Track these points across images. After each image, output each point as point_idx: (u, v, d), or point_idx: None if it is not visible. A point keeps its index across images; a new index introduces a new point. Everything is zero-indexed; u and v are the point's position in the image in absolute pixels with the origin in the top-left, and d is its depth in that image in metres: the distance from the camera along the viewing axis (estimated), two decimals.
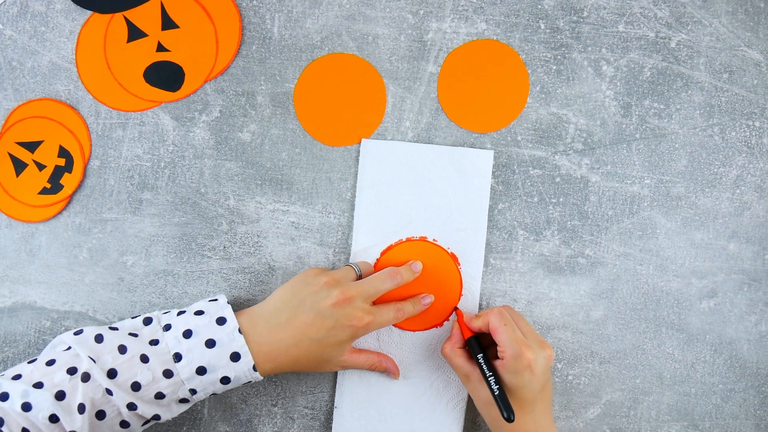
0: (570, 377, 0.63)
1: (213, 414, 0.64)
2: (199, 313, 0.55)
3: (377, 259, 0.62)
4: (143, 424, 0.53)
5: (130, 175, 0.64)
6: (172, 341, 0.53)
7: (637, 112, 0.63)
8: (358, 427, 0.63)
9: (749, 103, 0.63)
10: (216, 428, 0.64)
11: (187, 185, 0.64)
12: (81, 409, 0.50)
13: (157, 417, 0.53)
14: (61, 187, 0.63)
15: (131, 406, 0.51)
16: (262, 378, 0.55)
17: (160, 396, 0.52)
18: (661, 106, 0.63)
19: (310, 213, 0.63)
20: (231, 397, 0.64)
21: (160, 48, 0.63)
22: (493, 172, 0.63)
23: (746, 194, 0.64)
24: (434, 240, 0.63)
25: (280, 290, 0.57)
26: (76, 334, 0.53)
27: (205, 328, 0.54)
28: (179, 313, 0.55)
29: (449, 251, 0.62)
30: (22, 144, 0.63)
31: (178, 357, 0.53)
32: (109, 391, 0.51)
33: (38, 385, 0.50)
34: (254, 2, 0.63)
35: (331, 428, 0.64)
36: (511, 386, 0.55)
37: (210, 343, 0.53)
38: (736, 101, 0.63)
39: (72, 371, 0.51)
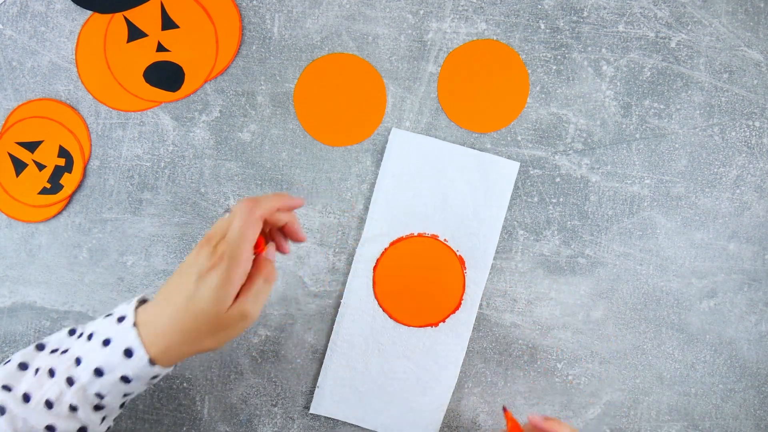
0: (570, 377, 0.63)
1: (213, 414, 0.64)
2: (110, 315, 0.51)
3: (385, 248, 0.62)
4: None
5: (130, 175, 0.64)
6: (77, 346, 0.50)
7: (637, 112, 0.63)
8: (335, 409, 0.62)
9: (749, 103, 0.63)
10: (216, 428, 0.64)
11: (187, 185, 0.64)
12: None
13: (83, 430, 0.50)
14: (61, 187, 0.63)
15: (50, 428, 0.48)
16: (169, 369, 0.50)
17: (73, 408, 0.49)
18: (661, 106, 0.63)
19: (310, 213, 0.63)
20: (231, 397, 0.64)
21: (160, 48, 0.63)
22: None
23: (746, 194, 0.64)
24: (445, 240, 0.63)
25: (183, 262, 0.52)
26: (5, 363, 0.50)
27: (105, 327, 0.50)
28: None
29: (458, 254, 0.62)
30: (22, 144, 0.63)
31: (78, 361, 0.49)
32: (25, 419, 0.48)
33: None
34: (254, 2, 0.63)
35: (331, 429, 0.63)
36: None
37: (106, 342, 0.49)
38: (736, 101, 0.63)
39: None
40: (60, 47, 0.63)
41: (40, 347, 0.51)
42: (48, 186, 0.63)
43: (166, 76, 0.63)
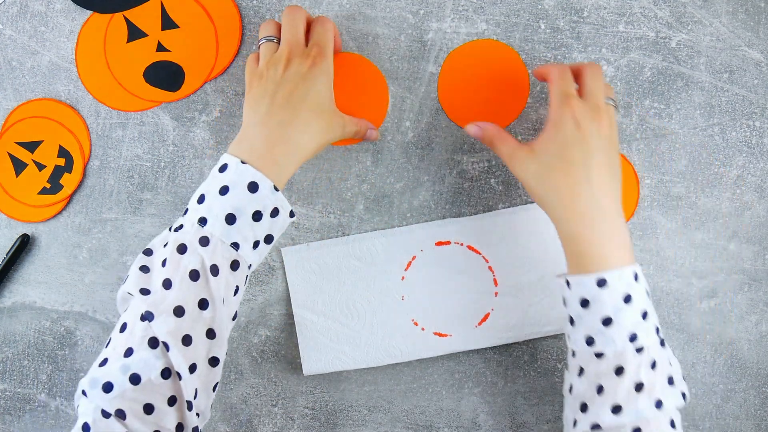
0: None
1: (213, 414, 0.64)
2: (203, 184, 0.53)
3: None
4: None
5: (130, 175, 0.64)
6: (192, 215, 0.50)
7: (637, 112, 0.63)
8: (324, 363, 0.62)
9: (749, 103, 0.63)
10: (216, 428, 0.64)
11: (187, 185, 0.64)
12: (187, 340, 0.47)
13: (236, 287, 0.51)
14: (61, 187, 0.63)
15: (203, 301, 0.48)
16: (290, 207, 0.52)
17: (215, 270, 0.49)
18: (662, 106, 0.63)
19: (310, 213, 0.63)
20: (231, 397, 0.64)
21: (160, 48, 0.63)
22: (493, 172, 0.63)
23: (746, 194, 0.64)
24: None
25: (245, 109, 0.55)
26: (125, 281, 0.50)
27: (210, 183, 0.51)
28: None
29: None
30: (22, 144, 0.63)
31: (203, 221, 0.49)
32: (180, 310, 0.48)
33: (128, 353, 0.47)
34: (254, 2, 0.63)
35: (331, 429, 0.64)
36: (555, 143, 0.51)
37: (223, 190, 0.50)
38: (736, 101, 0.63)
39: (147, 340, 0.47)
40: (60, 47, 0.63)
41: (148, 252, 0.51)
42: (48, 186, 0.63)
43: (166, 76, 0.63)
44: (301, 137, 0.53)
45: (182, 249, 0.49)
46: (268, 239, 0.52)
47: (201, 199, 0.50)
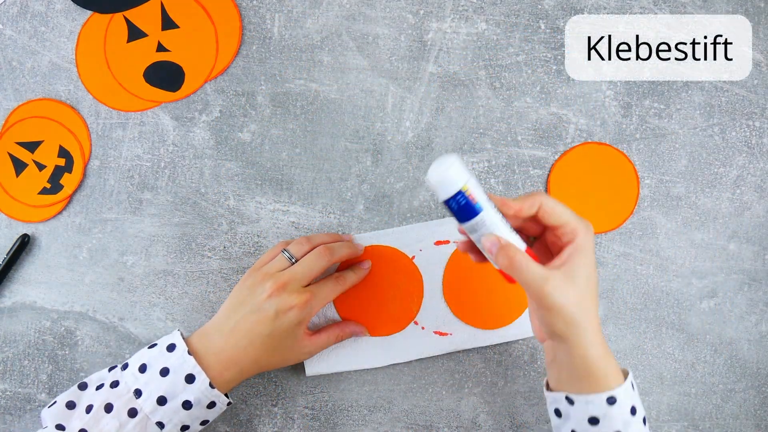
0: None
1: None
2: (153, 346, 0.56)
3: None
4: None
5: (130, 175, 0.64)
6: (130, 379, 0.54)
7: (637, 112, 0.63)
8: (327, 364, 0.63)
9: (749, 103, 0.63)
10: (216, 428, 0.64)
11: (187, 185, 0.64)
12: None
13: None
14: (61, 187, 0.63)
15: None
16: (226, 398, 0.55)
17: None
18: (661, 106, 0.63)
19: (310, 213, 0.64)
20: (231, 397, 0.64)
21: (160, 48, 0.63)
22: (493, 172, 0.63)
23: (746, 194, 0.64)
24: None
25: (226, 300, 0.58)
26: (50, 406, 0.54)
27: (157, 358, 0.54)
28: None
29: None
30: (22, 144, 0.63)
31: (138, 393, 0.53)
32: None
33: None
34: (254, 2, 0.63)
35: (331, 429, 0.64)
36: (586, 267, 0.49)
37: (164, 372, 0.53)
38: (736, 101, 0.63)
39: None
40: (60, 47, 0.63)
41: (83, 386, 0.55)
42: (48, 186, 0.63)
43: (166, 76, 0.63)
44: (251, 367, 0.56)
45: (108, 408, 0.53)
46: (203, 423, 0.56)
47: (143, 369, 0.54)
